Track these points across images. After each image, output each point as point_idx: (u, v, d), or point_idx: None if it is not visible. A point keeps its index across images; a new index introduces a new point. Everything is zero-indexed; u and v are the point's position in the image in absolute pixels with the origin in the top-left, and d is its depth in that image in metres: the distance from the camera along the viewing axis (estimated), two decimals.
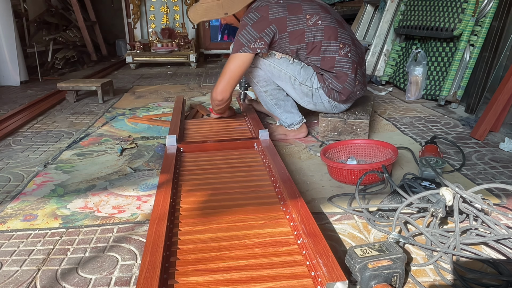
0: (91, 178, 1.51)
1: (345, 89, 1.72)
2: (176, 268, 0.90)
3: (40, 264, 1.00)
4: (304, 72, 1.76)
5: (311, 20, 1.66)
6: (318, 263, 0.83)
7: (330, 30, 1.67)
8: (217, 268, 0.89)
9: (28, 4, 4.19)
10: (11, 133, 2.09)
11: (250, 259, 0.92)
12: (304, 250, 0.93)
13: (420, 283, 0.91)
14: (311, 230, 0.94)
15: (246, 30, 1.62)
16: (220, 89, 1.70)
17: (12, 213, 1.26)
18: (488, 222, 1.04)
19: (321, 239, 0.90)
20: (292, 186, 1.18)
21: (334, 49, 1.68)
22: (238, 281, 0.85)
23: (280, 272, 0.88)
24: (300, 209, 1.04)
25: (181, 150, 1.61)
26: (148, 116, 2.37)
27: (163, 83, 3.52)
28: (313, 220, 0.98)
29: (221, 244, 0.98)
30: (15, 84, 3.46)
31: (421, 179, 1.26)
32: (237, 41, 1.64)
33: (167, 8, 4.71)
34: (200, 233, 1.03)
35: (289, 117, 1.88)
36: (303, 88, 1.78)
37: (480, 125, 1.87)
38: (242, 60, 1.65)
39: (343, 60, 1.69)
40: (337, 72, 1.70)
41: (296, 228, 1.00)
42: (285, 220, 1.08)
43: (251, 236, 1.01)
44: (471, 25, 2.29)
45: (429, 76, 2.59)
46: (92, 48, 4.81)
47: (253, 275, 0.87)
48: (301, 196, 1.12)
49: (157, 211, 1.06)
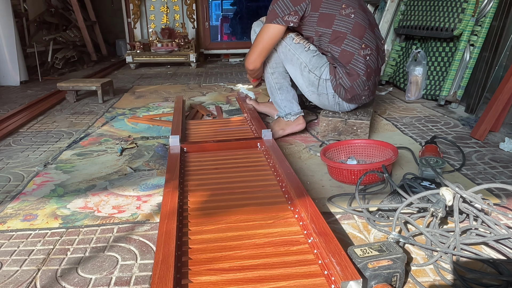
0: (91, 178, 1.51)
1: (352, 89, 1.72)
2: (188, 267, 0.90)
3: (40, 264, 1.00)
4: (316, 60, 1.75)
5: (345, 11, 1.67)
6: (331, 262, 0.83)
7: (359, 27, 1.68)
8: (229, 268, 0.89)
9: (28, 4, 4.19)
10: (11, 133, 2.09)
11: (261, 258, 0.92)
12: (315, 249, 0.93)
13: (420, 283, 0.91)
14: (321, 229, 0.94)
15: (282, 0, 1.63)
16: (252, 59, 1.77)
17: (12, 213, 1.26)
18: (488, 222, 1.04)
19: (332, 238, 0.90)
20: (299, 186, 1.17)
21: (355, 46, 1.68)
22: (252, 280, 0.85)
23: (293, 271, 0.88)
24: (309, 208, 1.04)
25: (185, 150, 1.61)
26: (148, 116, 2.37)
27: (163, 83, 3.52)
28: (323, 219, 0.98)
29: (231, 243, 0.98)
30: (15, 84, 3.45)
31: (421, 179, 1.26)
32: (272, 10, 1.65)
33: (167, 8, 4.71)
34: (210, 232, 1.03)
35: (288, 106, 1.88)
36: (311, 76, 1.77)
37: (480, 125, 1.87)
38: (274, 32, 1.68)
39: (360, 60, 1.69)
40: (351, 70, 1.70)
41: (306, 227, 1.00)
42: (294, 219, 1.08)
43: (261, 235, 1.01)
44: (471, 25, 2.29)
45: (429, 76, 2.59)
46: (92, 48, 4.81)
47: (266, 274, 0.87)
48: (309, 195, 1.12)
49: (166, 210, 1.06)
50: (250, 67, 1.82)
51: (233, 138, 1.75)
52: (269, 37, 1.69)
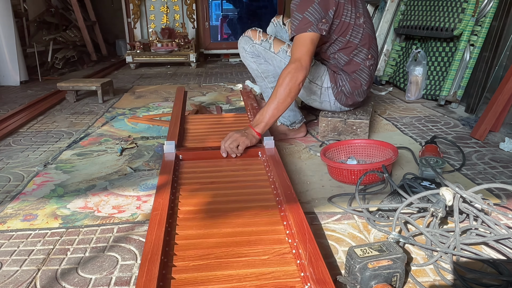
0: (91, 178, 1.51)
1: (353, 96, 1.76)
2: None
3: (40, 264, 1.00)
4: (315, 70, 1.75)
5: (360, 20, 1.64)
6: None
7: (368, 38, 1.68)
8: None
9: (28, 4, 4.19)
10: (11, 133, 2.09)
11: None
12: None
13: (420, 283, 0.91)
14: (320, 275, 0.82)
15: (313, 7, 1.49)
16: (298, 56, 1.49)
17: (12, 213, 1.26)
18: (488, 222, 1.04)
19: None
20: (299, 213, 1.04)
21: (362, 57, 1.69)
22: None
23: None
24: (308, 245, 0.91)
25: (180, 158, 1.50)
26: (148, 116, 2.37)
27: (163, 83, 3.52)
28: (322, 262, 0.86)
29: (219, 287, 0.85)
30: (15, 84, 3.45)
31: (421, 179, 1.26)
32: (304, 18, 1.48)
33: (167, 8, 4.71)
34: (197, 270, 0.90)
35: (292, 116, 1.88)
36: (312, 86, 1.78)
37: (480, 125, 1.87)
38: (312, 39, 1.48)
39: (365, 71, 1.72)
40: (355, 78, 1.72)
41: (303, 268, 0.87)
42: (291, 255, 0.94)
43: (253, 276, 0.88)
44: (471, 25, 2.29)
45: (429, 76, 2.59)
46: (92, 48, 4.81)
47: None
48: (309, 228, 0.97)
49: (149, 248, 0.90)
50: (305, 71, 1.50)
51: None
52: (309, 46, 1.47)
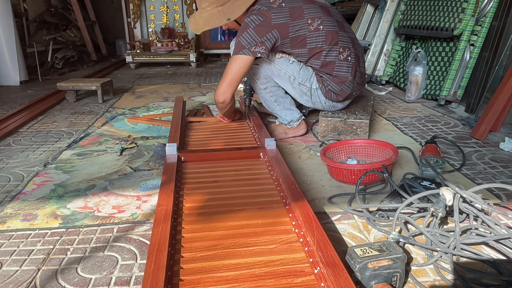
0: (91, 178, 1.51)
1: (342, 91, 1.75)
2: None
3: (40, 264, 1.00)
4: (303, 72, 1.76)
5: (313, 25, 1.64)
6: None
7: (332, 34, 1.67)
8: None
9: (28, 4, 4.19)
10: (11, 133, 2.09)
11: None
12: (322, 282, 0.83)
13: (420, 283, 0.91)
14: (329, 258, 0.84)
15: (248, 32, 1.59)
16: (221, 91, 1.66)
17: (12, 213, 1.26)
18: (488, 222, 1.04)
19: (341, 270, 0.80)
20: (305, 205, 1.06)
21: (334, 54, 1.68)
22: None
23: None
24: (316, 232, 0.93)
25: (182, 160, 1.51)
26: (148, 116, 2.37)
27: (163, 82, 3.52)
28: (331, 246, 0.88)
29: (228, 274, 0.87)
30: (15, 84, 3.45)
31: (421, 179, 1.26)
32: (238, 43, 1.62)
33: (167, 7, 4.71)
34: (205, 260, 0.92)
35: (288, 114, 1.88)
36: (302, 88, 1.79)
37: (480, 124, 1.87)
38: (242, 62, 1.62)
39: (343, 64, 1.70)
40: (337, 75, 1.71)
41: (312, 254, 0.90)
42: (299, 244, 0.97)
43: (261, 264, 0.90)
44: (471, 25, 2.28)
45: (429, 76, 2.58)
46: (92, 47, 4.81)
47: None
48: (316, 217, 1.00)
49: (155, 242, 0.92)
50: (220, 99, 1.68)
51: (234, 147, 1.65)
52: (238, 68, 1.62)
